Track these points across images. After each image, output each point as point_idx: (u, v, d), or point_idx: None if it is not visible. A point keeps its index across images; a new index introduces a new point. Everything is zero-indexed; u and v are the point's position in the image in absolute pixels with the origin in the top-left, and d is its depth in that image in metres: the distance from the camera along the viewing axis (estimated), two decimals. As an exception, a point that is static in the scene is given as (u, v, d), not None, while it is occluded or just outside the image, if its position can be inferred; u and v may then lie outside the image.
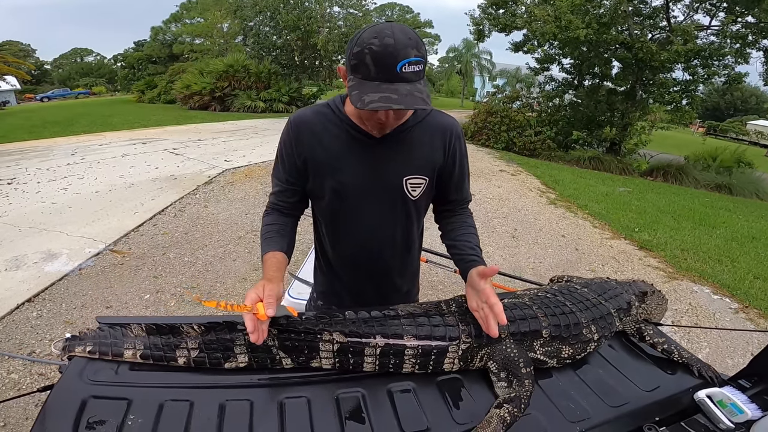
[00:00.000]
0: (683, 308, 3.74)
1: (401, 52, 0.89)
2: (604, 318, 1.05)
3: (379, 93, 0.90)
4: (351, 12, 19.87)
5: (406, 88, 0.91)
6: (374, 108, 0.90)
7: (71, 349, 0.88)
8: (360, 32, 0.94)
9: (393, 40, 0.88)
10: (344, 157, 1.12)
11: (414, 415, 0.84)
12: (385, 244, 1.24)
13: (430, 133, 1.16)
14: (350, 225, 1.21)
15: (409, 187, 1.16)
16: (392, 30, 0.90)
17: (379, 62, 0.90)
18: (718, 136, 33.26)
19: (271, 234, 1.16)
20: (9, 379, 2.43)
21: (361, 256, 1.26)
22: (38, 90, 41.45)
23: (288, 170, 1.17)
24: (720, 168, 11.82)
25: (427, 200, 1.26)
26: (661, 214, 6.81)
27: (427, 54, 0.98)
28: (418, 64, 0.92)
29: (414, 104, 0.91)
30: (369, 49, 0.90)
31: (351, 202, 1.17)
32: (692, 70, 11.56)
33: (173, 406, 0.79)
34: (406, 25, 0.96)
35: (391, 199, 1.17)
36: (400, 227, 1.23)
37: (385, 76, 0.91)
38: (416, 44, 0.91)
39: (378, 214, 1.19)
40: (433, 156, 1.17)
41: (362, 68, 0.92)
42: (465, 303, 1.11)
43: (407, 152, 1.14)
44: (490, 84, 37.03)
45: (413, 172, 1.15)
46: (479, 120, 13.30)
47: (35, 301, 3.26)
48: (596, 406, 0.90)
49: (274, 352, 0.90)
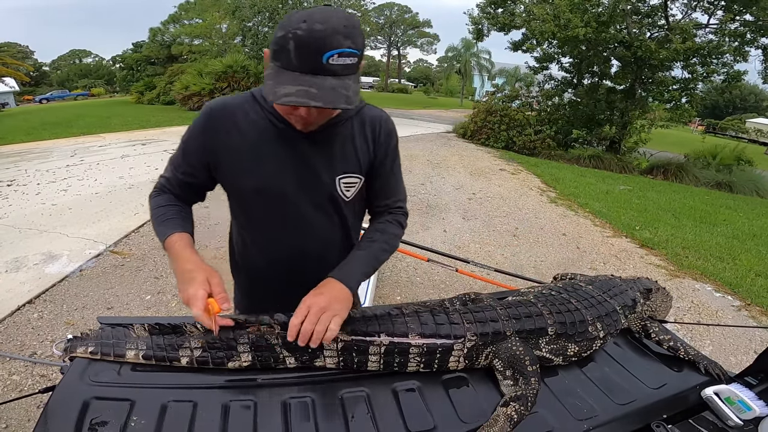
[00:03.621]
0: (685, 306, 3.73)
1: (330, 40, 0.77)
2: (610, 315, 1.04)
3: (297, 85, 0.79)
4: (350, 12, 19.91)
5: (331, 83, 0.80)
6: (287, 102, 0.80)
7: (73, 350, 0.88)
8: (290, 14, 0.82)
9: (323, 26, 0.76)
10: (268, 154, 0.99)
11: (420, 414, 0.83)
12: (317, 252, 1.11)
13: (364, 128, 1.05)
14: (275, 231, 1.08)
15: (342, 187, 1.05)
16: (326, 15, 0.78)
17: (303, 50, 0.78)
18: (718, 134, 33.33)
19: (171, 215, 1.02)
20: (10, 381, 2.42)
21: (290, 266, 1.12)
22: (37, 91, 41.44)
23: (188, 161, 1.04)
24: (720, 166, 11.81)
25: (361, 202, 1.14)
26: (662, 212, 6.81)
27: (365, 47, 0.87)
28: (350, 57, 0.80)
29: (336, 102, 0.80)
30: (293, 33, 0.78)
31: (275, 204, 1.04)
32: (691, 68, 11.56)
33: (176, 407, 0.79)
34: (349, 11, 0.85)
35: (323, 201, 1.06)
36: (333, 232, 1.12)
37: (307, 67, 0.79)
38: (351, 34, 0.79)
39: (307, 217, 1.06)
40: (367, 152, 1.06)
41: (283, 55, 0.80)
42: (469, 301, 1.10)
43: (340, 148, 1.02)
44: (490, 83, 37.06)
45: (347, 170, 1.04)
46: (479, 119, 13.29)
47: (36, 302, 3.25)
48: (603, 403, 0.89)
49: (277, 351, 0.89)
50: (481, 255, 4.56)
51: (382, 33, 48.97)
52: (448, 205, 6.28)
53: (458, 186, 7.43)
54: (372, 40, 49.98)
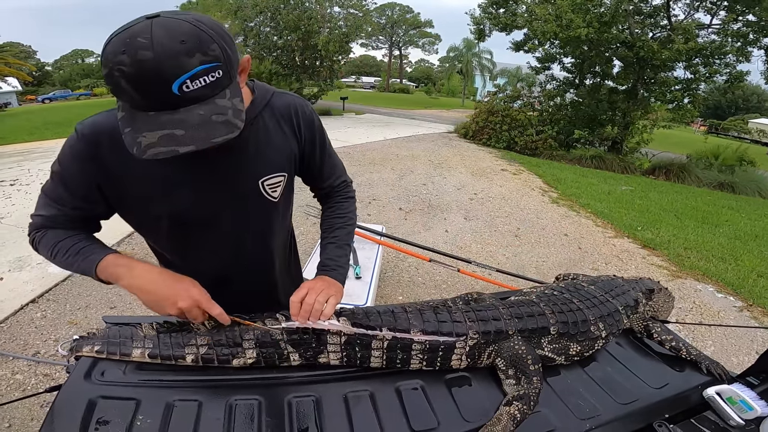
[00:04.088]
0: (687, 307, 3.73)
1: (169, 67, 0.62)
2: (612, 315, 1.05)
3: (158, 130, 0.66)
4: (351, 12, 19.88)
5: (198, 114, 0.67)
6: (153, 156, 0.66)
7: (78, 350, 0.88)
8: (105, 43, 0.65)
9: (151, 53, 0.61)
10: (178, 172, 0.86)
11: (423, 413, 0.84)
12: (249, 260, 1.06)
13: (277, 119, 0.95)
14: (201, 251, 1.00)
15: (267, 189, 0.97)
16: (149, 36, 0.62)
17: (141, 87, 0.64)
18: (720, 135, 33.27)
19: (85, 242, 0.88)
20: (14, 380, 2.43)
21: (224, 280, 1.04)
22: (40, 91, 41.54)
23: (76, 194, 0.87)
24: (722, 166, 11.78)
25: (289, 195, 1.08)
26: (664, 213, 6.80)
27: (229, 47, 0.70)
28: (209, 73, 0.66)
29: (211, 137, 0.67)
30: (119, 71, 0.62)
31: (196, 225, 0.94)
32: (694, 68, 11.54)
33: (182, 406, 0.79)
34: (182, 18, 0.66)
35: (248, 207, 0.98)
36: (264, 236, 1.06)
37: (158, 104, 0.65)
38: (197, 47, 0.64)
39: (234, 228, 0.99)
40: (287, 146, 0.98)
41: (123, 95, 0.66)
42: (471, 300, 1.11)
43: (257, 148, 0.93)
44: (491, 83, 37.02)
45: (269, 170, 0.96)
46: (480, 119, 13.29)
47: (39, 301, 3.26)
48: (605, 403, 0.90)
49: (282, 347, 0.90)
50: (483, 255, 4.56)
51: (383, 33, 48.99)
52: (449, 205, 6.28)
53: (460, 186, 7.43)
54: (373, 40, 50.01)
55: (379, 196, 6.50)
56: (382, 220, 5.27)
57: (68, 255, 0.87)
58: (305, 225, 4.60)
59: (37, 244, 0.90)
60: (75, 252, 0.86)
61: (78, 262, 0.86)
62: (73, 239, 0.88)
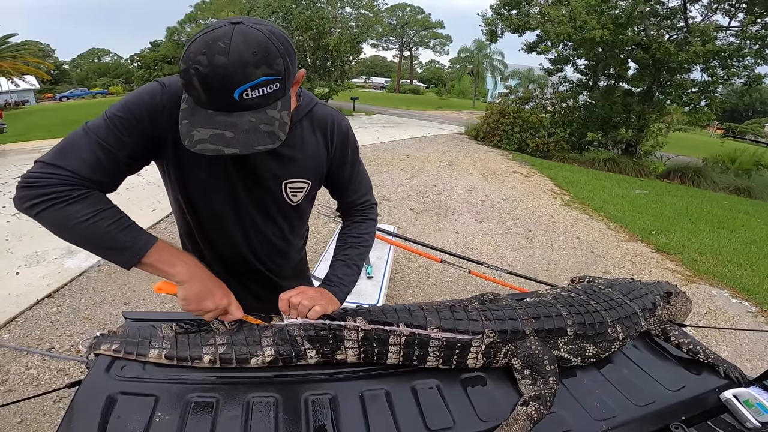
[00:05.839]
0: (701, 311, 3.68)
1: (238, 74, 0.68)
2: (630, 318, 1.04)
3: (211, 128, 0.72)
4: (363, 12, 19.92)
5: (249, 121, 0.73)
6: (201, 151, 0.72)
7: (97, 347, 0.88)
8: (190, 40, 0.71)
9: (226, 59, 0.67)
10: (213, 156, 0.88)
11: (439, 412, 0.84)
12: (261, 252, 1.12)
13: (314, 128, 1.00)
14: (219, 229, 1.06)
15: (289, 192, 1.02)
16: (229, 42, 0.68)
17: (209, 88, 0.70)
18: (737, 138, 32.71)
19: (128, 219, 0.84)
20: (27, 375, 2.45)
21: (234, 261, 1.12)
22: (57, 89, 42.20)
23: (132, 142, 0.84)
24: (739, 170, 11.61)
25: (309, 203, 1.13)
26: (679, 217, 6.71)
27: (290, 61, 0.75)
28: (268, 85, 0.72)
29: (254, 144, 0.73)
30: (195, 69, 0.68)
31: (219, 204, 1.00)
32: (711, 71, 11.36)
33: (200, 403, 0.80)
34: (259, 28, 0.72)
35: (268, 204, 1.03)
36: (276, 234, 1.11)
37: (219, 105, 0.72)
38: (264, 59, 0.70)
39: (252, 219, 1.05)
40: (318, 156, 1.02)
41: (192, 91, 0.72)
42: (487, 300, 1.11)
43: (290, 153, 0.97)
44: (502, 85, 36.84)
45: (294, 175, 1.00)
46: (491, 121, 13.22)
47: (55, 296, 3.32)
48: (622, 404, 0.90)
49: (299, 343, 0.91)
50: (494, 257, 4.54)
51: (394, 34, 48.96)
52: (460, 206, 6.27)
53: (471, 187, 7.41)
54: (384, 41, 50.00)
55: (389, 196, 6.51)
56: (393, 220, 5.28)
57: (113, 226, 0.80)
58: (317, 224, 4.62)
59: (70, 200, 0.79)
60: (122, 227, 0.81)
61: (121, 237, 0.80)
62: (118, 211, 0.83)
